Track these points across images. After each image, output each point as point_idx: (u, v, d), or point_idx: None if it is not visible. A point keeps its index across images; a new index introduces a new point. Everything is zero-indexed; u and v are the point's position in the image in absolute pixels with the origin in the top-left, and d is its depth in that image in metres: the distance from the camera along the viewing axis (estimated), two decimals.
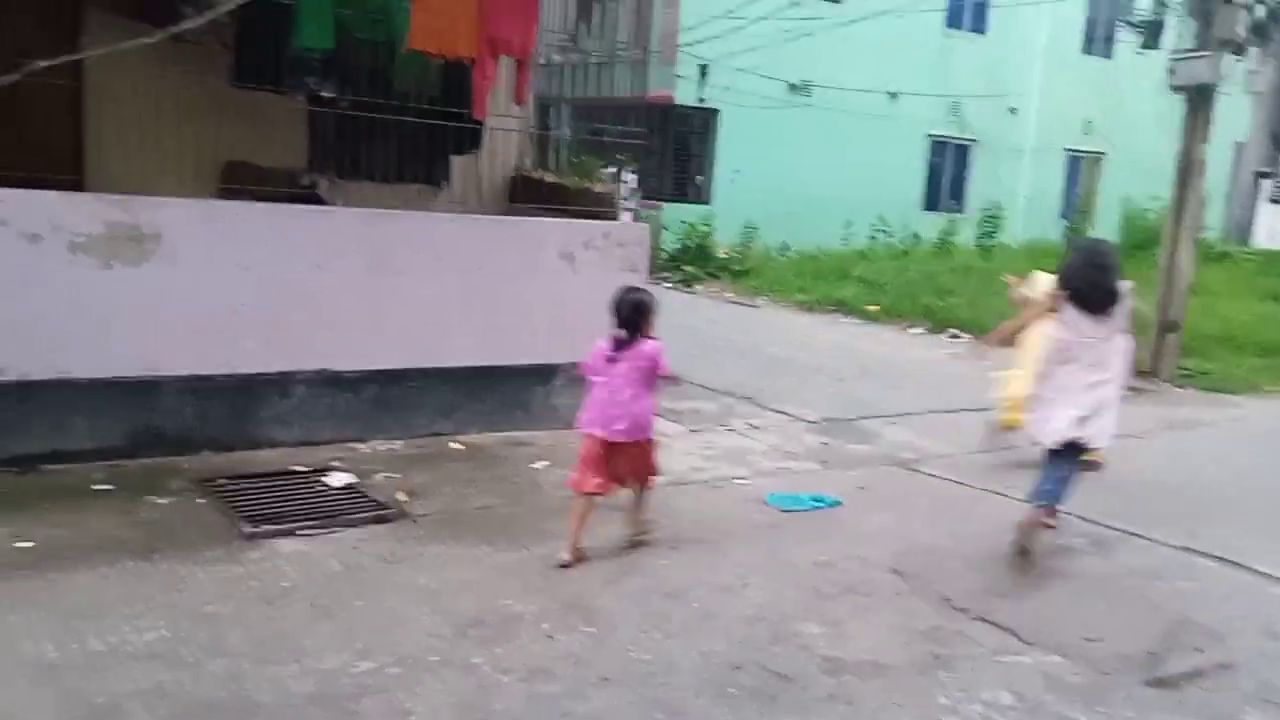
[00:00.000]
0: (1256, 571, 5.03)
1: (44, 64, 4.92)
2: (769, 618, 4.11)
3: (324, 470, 5.39)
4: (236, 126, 6.27)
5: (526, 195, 7.67)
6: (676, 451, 6.48)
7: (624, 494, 4.86)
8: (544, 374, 6.63)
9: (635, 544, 4.80)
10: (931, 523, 5.49)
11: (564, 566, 4.44)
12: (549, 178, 8.09)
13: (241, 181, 6.63)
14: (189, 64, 6.42)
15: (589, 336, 6.69)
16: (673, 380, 4.82)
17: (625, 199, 11.17)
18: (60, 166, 6.12)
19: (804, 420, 7.62)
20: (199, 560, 4.19)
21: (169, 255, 5.33)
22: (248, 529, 4.52)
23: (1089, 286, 4.89)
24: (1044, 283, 6.07)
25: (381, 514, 4.90)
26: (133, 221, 5.22)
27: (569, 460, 6.01)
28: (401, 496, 5.16)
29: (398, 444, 6.05)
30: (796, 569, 4.66)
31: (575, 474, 4.64)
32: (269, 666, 3.39)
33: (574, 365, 6.65)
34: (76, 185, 6.06)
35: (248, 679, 3.30)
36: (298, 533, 4.56)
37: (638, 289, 4.85)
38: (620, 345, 4.63)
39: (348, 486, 5.22)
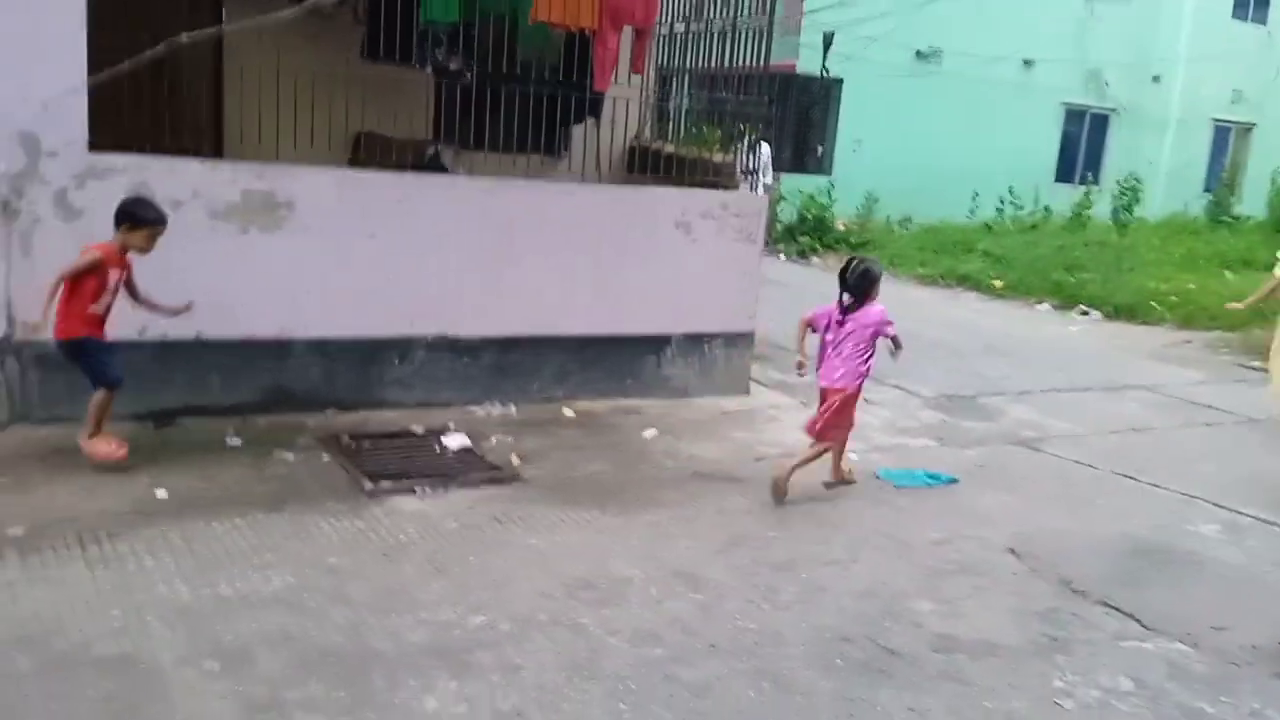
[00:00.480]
0: None
1: (186, 38, 5.15)
2: (880, 593, 4.06)
3: (442, 432, 5.54)
4: (367, 99, 6.44)
5: (644, 165, 7.67)
6: (788, 424, 6.44)
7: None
8: (656, 344, 6.66)
9: (833, 486, 5.25)
10: (1053, 504, 5.32)
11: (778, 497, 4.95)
12: (667, 148, 8.06)
13: (371, 152, 6.82)
14: (323, 39, 6.63)
15: (703, 307, 6.75)
16: (897, 343, 5.13)
17: (756, 171, 11.08)
18: (201, 139, 6.42)
19: (921, 396, 7.46)
20: (323, 514, 4.37)
21: (301, 222, 5.53)
22: (369, 486, 4.69)
23: None
24: None
25: (495, 476, 5.02)
26: (268, 189, 5.44)
27: (677, 429, 6.09)
28: (515, 460, 5.27)
29: (512, 408, 6.17)
30: (909, 546, 4.58)
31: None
32: (387, 616, 3.52)
33: (686, 336, 6.72)
34: (216, 156, 6.35)
35: (367, 628, 3.44)
36: (416, 491, 4.70)
37: (865, 259, 5.22)
38: (847, 309, 5.07)
39: (464, 448, 5.36)
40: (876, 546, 4.54)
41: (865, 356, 5.09)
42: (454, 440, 5.43)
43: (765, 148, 11.63)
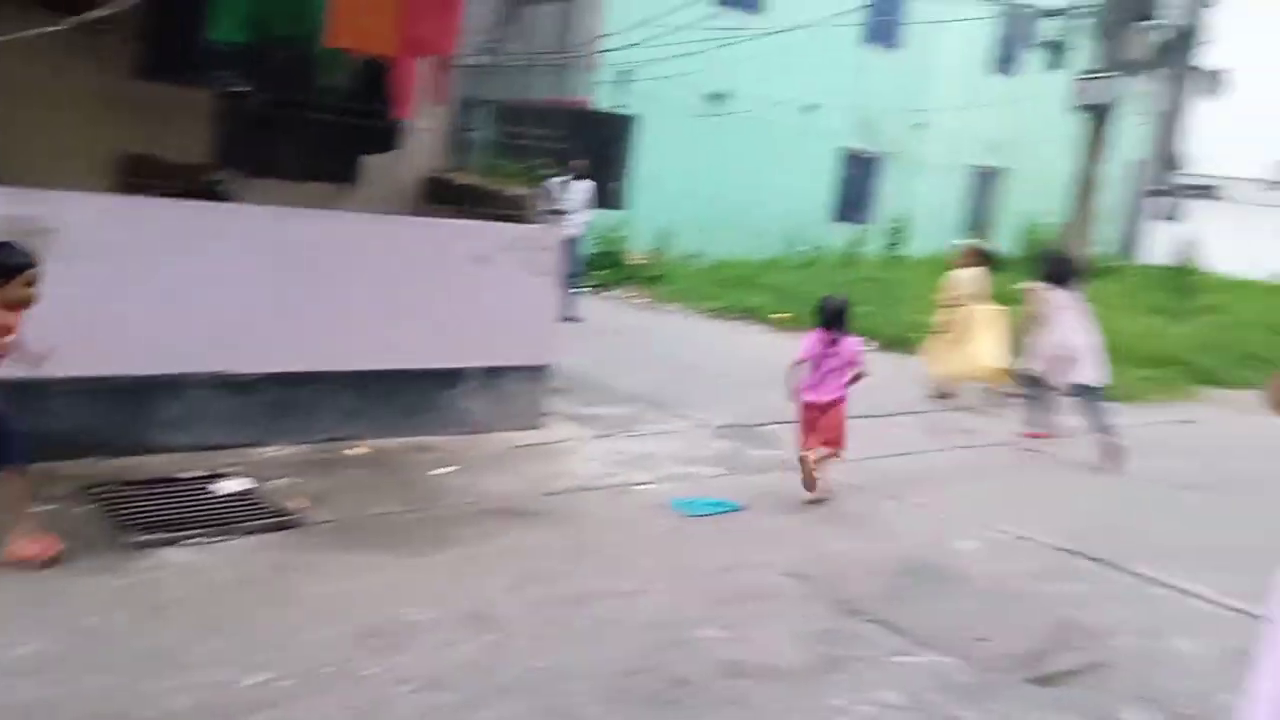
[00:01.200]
0: (1136, 573, 5.25)
1: None
2: (669, 623, 4.14)
3: (218, 476, 5.25)
4: (144, 120, 6.07)
5: (441, 197, 7.59)
6: (583, 457, 6.50)
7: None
8: (451, 378, 6.57)
9: (812, 502, 5.92)
10: (831, 526, 5.60)
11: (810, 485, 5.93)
12: (463, 179, 8.02)
13: (146, 177, 6.41)
14: (96, 54, 6.20)
15: (498, 340, 6.71)
16: (862, 372, 6.13)
17: (561, 210, 11.27)
18: None
19: (710, 425, 7.68)
20: (79, 571, 4.03)
21: (65, 251, 5.12)
22: (134, 538, 4.37)
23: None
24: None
25: (278, 521, 4.79)
26: (28, 215, 5.00)
27: (472, 465, 6.02)
28: (300, 503, 5.05)
29: (297, 449, 5.92)
30: (698, 574, 4.71)
31: (799, 439, 6.18)
32: (149, 681, 3.28)
33: (481, 369, 6.67)
34: None
35: (127, 696, 3.19)
36: (188, 541, 4.43)
37: (835, 298, 6.15)
38: (831, 340, 6.02)
39: (243, 493, 5.09)
40: (666, 576, 4.64)
41: (845, 379, 6.09)
42: (232, 485, 5.15)
43: (586, 183, 11.78)
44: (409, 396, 6.42)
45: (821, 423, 6.06)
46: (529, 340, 6.89)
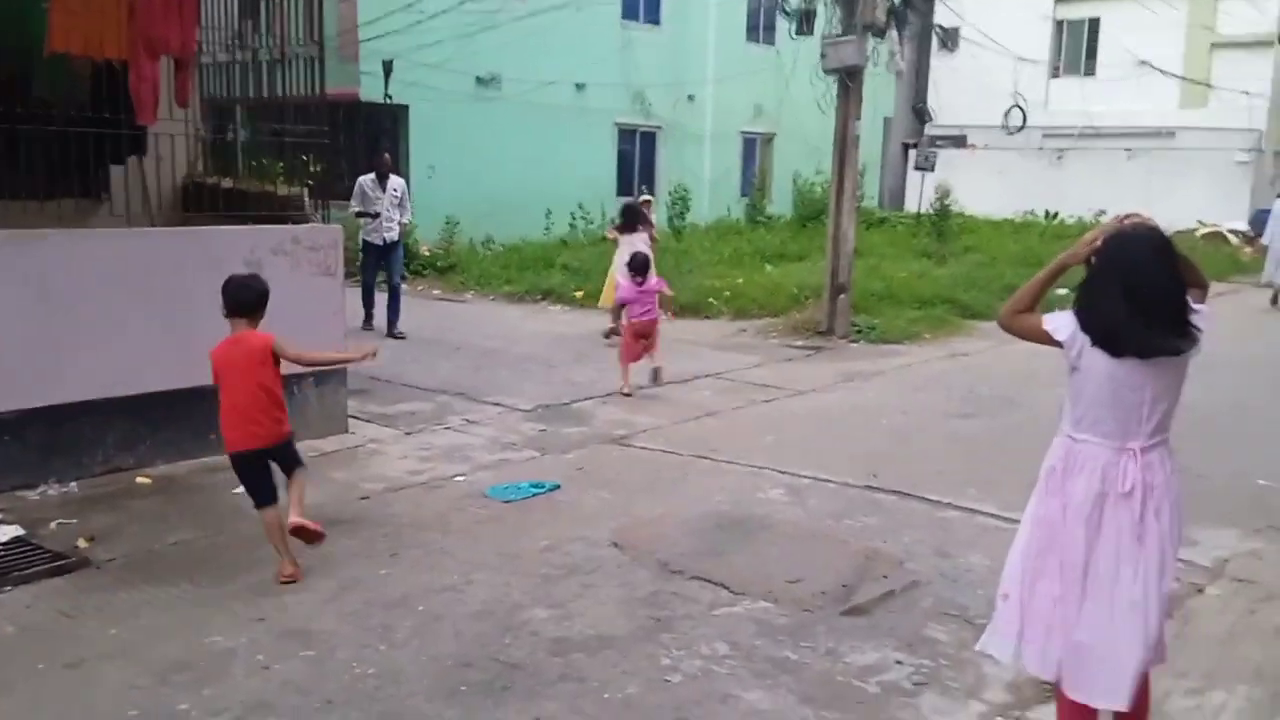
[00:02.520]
0: (928, 500, 5.64)
1: None
2: (496, 610, 4.12)
3: None
4: None
5: (203, 203, 7.16)
6: (392, 456, 6.35)
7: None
8: None
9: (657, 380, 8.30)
10: (647, 494, 5.71)
11: (626, 394, 8.10)
12: (227, 183, 7.59)
13: None
14: None
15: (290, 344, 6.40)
16: (669, 296, 9.18)
17: (366, 207, 10.71)
18: None
19: (519, 410, 7.66)
20: None
21: None
22: None
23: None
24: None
25: (59, 565, 4.43)
26: None
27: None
28: (82, 543, 4.69)
29: (74, 486, 5.49)
30: (521, 558, 4.70)
31: (626, 348, 8.45)
32: None
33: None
34: None
35: None
36: None
37: (638, 253, 9.23)
38: (644, 280, 8.54)
39: (15, 540, 4.67)
40: (489, 564, 4.61)
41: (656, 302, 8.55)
42: (1, 532, 4.71)
43: (397, 180, 10.89)
44: (195, 416, 6.04)
45: (650, 337, 8.46)
46: (318, 343, 6.59)
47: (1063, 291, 3.23)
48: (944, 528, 5.25)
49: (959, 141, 26.42)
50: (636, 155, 21.30)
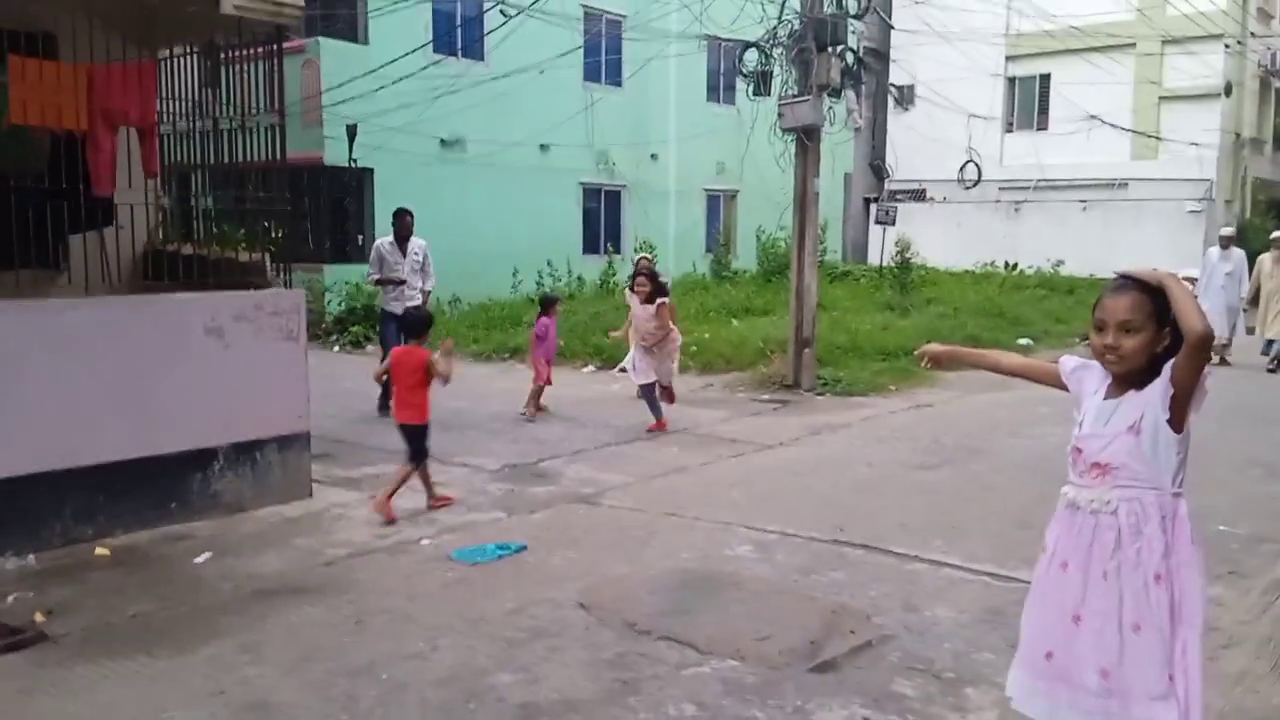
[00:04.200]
0: (895, 553, 5.66)
1: None
2: (461, 676, 4.07)
3: None
4: None
5: (164, 271, 7.15)
6: (356, 521, 6.30)
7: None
8: (200, 459, 6.19)
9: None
10: (613, 552, 5.69)
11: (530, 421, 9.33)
12: (187, 251, 7.59)
13: None
14: None
15: (247, 412, 6.40)
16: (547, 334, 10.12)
17: (386, 274, 9.84)
18: None
19: (486, 470, 7.63)
20: None
21: None
22: None
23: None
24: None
25: (15, 641, 4.33)
26: None
27: (235, 548, 5.70)
28: (39, 617, 4.59)
29: (30, 559, 5.38)
30: (486, 621, 4.65)
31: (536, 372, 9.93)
32: None
33: (233, 446, 6.32)
34: None
35: None
36: None
37: (552, 293, 10.82)
38: (546, 318, 10.12)
39: None
40: (454, 629, 4.56)
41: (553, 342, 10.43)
42: None
43: (419, 243, 10.01)
44: (155, 484, 5.99)
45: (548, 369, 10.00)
46: (281, 409, 6.60)
47: (1023, 341, 3.30)
48: (911, 581, 5.27)
49: (918, 195, 26.96)
50: (602, 213, 21.53)
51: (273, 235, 7.32)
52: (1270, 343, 13.38)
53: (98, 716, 3.70)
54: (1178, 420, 2.62)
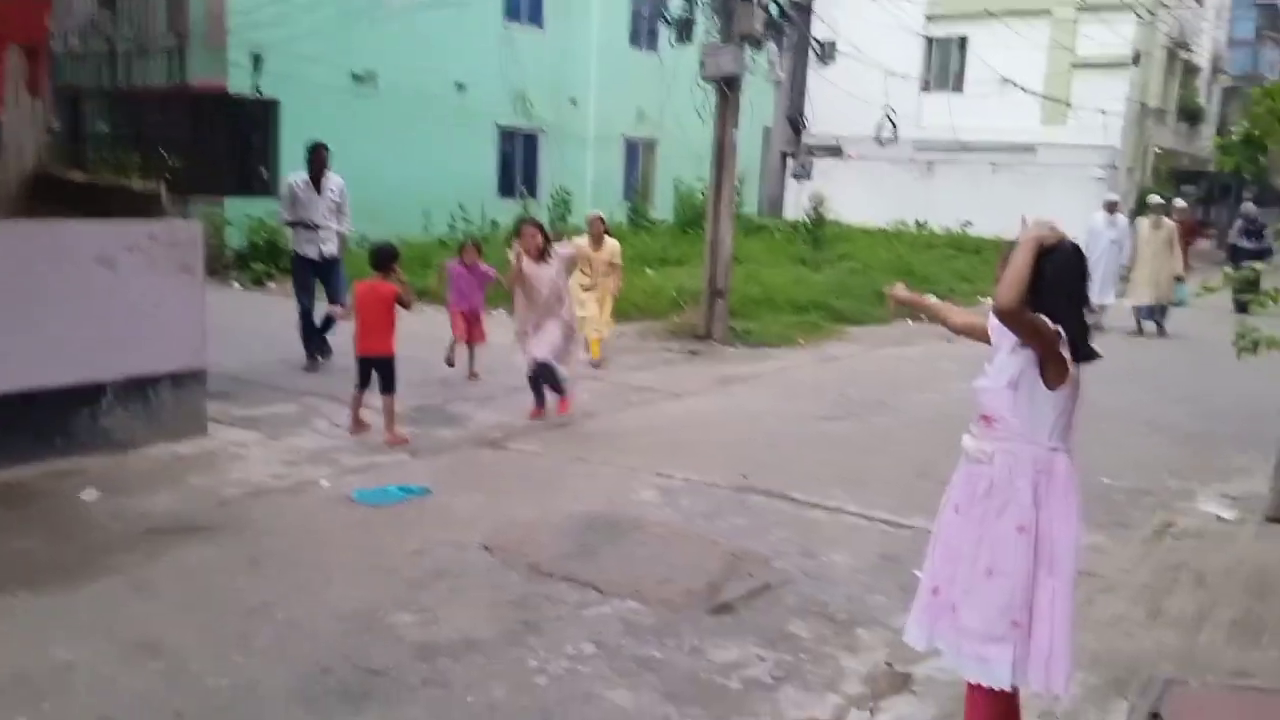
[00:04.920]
0: (796, 500, 5.77)
1: None
2: (359, 616, 4.03)
3: None
4: None
5: (52, 197, 6.80)
6: (254, 460, 6.15)
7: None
8: (89, 393, 5.95)
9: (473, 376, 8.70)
10: (519, 496, 5.68)
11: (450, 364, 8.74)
12: (79, 177, 7.23)
13: None
14: None
15: (139, 347, 6.16)
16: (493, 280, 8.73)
17: (296, 215, 8.86)
18: None
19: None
20: None
21: None
22: None
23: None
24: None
25: None
26: None
27: (126, 485, 5.53)
28: None
29: None
30: (387, 563, 4.61)
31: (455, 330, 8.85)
32: None
33: (125, 380, 6.10)
34: None
35: None
36: None
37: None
38: (467, 266, 8.89)
39: None
40: (354, 570, 4.51)
41: (481, 293, 9.04)
42: None
43: (336, 180, 9.04)
44: (40, 419, 5.74)
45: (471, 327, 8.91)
46: (176, 344, 6.37)
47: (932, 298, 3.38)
48: (810, 527, 5.38)
49: (835, 151, 27.16)
50: (518, 157, 21.18)
51: (170, 164, 7.02)
52: (1143, 309, 13.53)
53: None
54: (1046, 378, 2.71)
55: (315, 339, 8.92)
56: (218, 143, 15.01)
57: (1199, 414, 8.50)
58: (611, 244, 9.86)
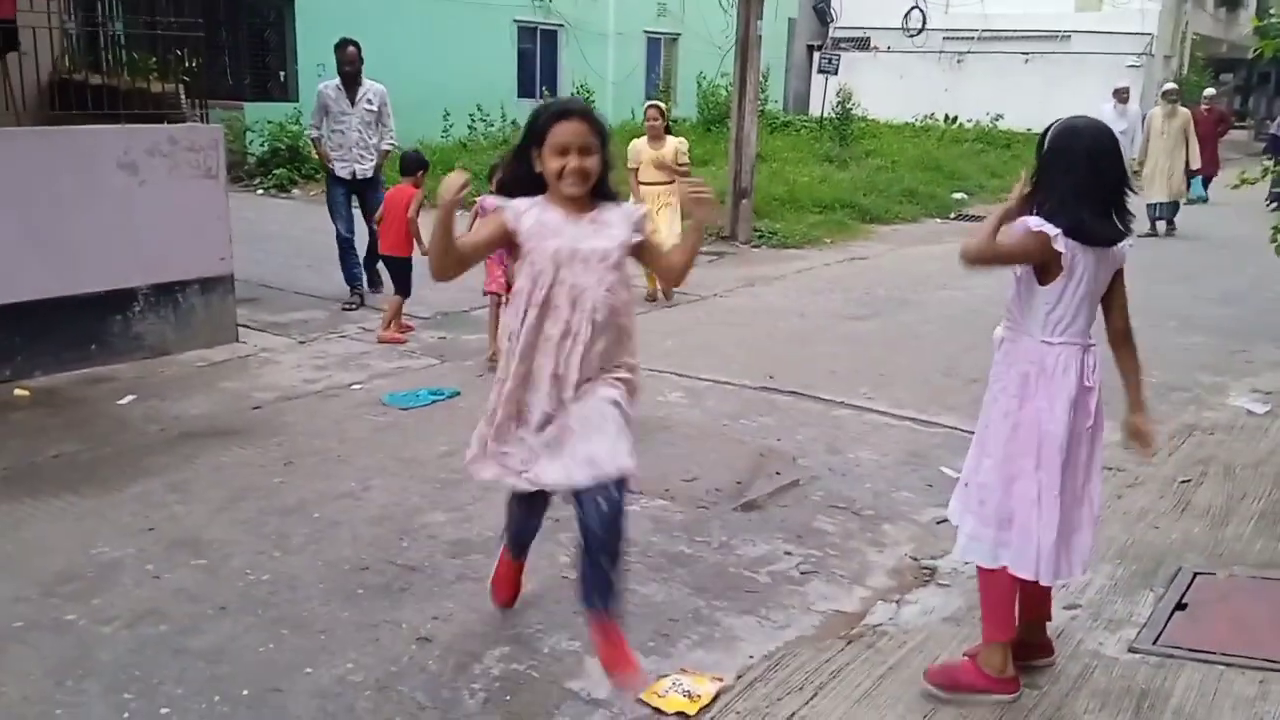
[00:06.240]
0: (823, 400, 5.78)
1: None
2: (394, 515, 4.11)
3: None
4: None
5: (71, 102, 6.75)
6: (285, 366, 6.22)
7: None
8: (120, 299, 6.01)
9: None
10: None
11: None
12: (97, 80, 7.15)
13: None
14: None
15: (166, 253, 6.18)
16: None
17: (328, 128, 7.89)
18: None
19: (419, 317, 7.54)
20: None
21: None
22: None
23: None
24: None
25: None
26: None
27: (160, 390, 5.61)
28: None
29: None
30: (419, 464, 4.68)
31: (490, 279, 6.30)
32: None
33: (153, 287, 6.14)
34: None
35: None
36: None
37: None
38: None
39: None
40: (387, 471, 4.58)
41: None
42: None
43: (377, 89, 7.99)
44: (73, 326, 5.82)
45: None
46: (202, 250, 6.40)
47: (958, 196, 3.30)
48: (837, 425, 5.40)
49: (862, 44, 26.42)
50: (538, 54, 20.74)
51: (187, 66, 6.92)
52: (1158, 206, 12.60)
53: (24, 553, 3.67)
54: (1038, 275, 2.73)
55: (355, 270, 7.98)
56: (234, 44, 14.79)
57: (1231, 312, 8.38)
58: (675, 141, 8.44)
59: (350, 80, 7.80)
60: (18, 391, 5.46)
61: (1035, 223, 2.67)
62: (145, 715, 2.77)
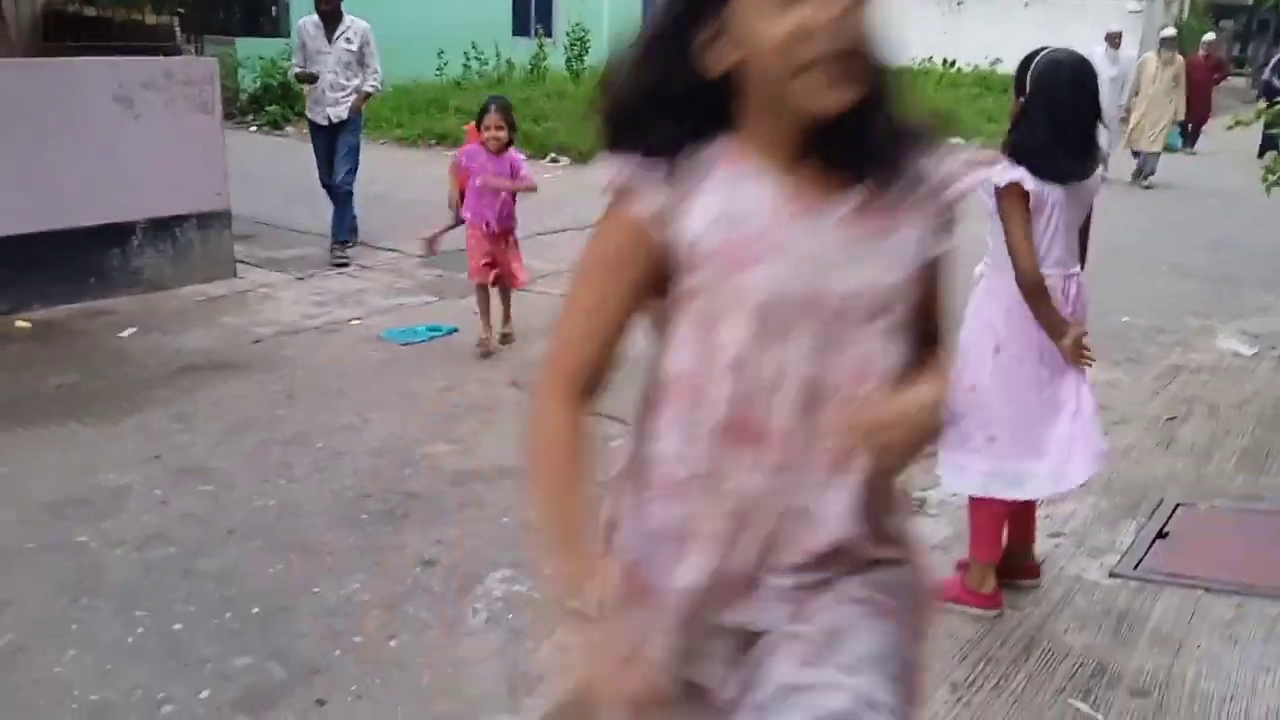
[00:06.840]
0: None
1: None
2: (396, 447, 4.18)
3: None
4: None
5: (64, 33, 6.69)
6: (284, 301, 6.26)
7: None
8: (117, 233, 6.01)
9: (505, 338, 5.57)
10: (546, 336, 5.74)
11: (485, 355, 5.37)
12: (90, 11, 7.08)
13: None
14: None
15: (162, 187, 6.18)
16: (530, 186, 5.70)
17: (308, 68, 7.27)
18: None
19: (415, 255, 7.54)
20: None
21: None
22: None
23: None
24: None
25: None
26: None
27: (159, 324, 5.64)
28: None
29: None
30: (419, 397, 4.74)
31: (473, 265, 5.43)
32: None
33: (151, 221, 6.14)
34: None
35: None
36: None
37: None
38: (491, 151, 5.45)
39: None
40: (388, 404, 4.64)
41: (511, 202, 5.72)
42: None
43: (360, 25, 7.35)
44: (73, 259, 5.83)
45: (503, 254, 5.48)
46: (199, 185, 6.39)
47: (954, 141, 3.30)
48: None
49: None
50: None
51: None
52: (1140, 154, 12.22)
53: (28, 478, 3.74)
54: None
55: (341, 221, 7.41)
56: None
57: (1221, 257, 8.43)
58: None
59: (329, 18, 7.20)
60: (19, 323, 5.49)
61: (1003, 177, 2.71)
62: (157, 631, 2.86)
